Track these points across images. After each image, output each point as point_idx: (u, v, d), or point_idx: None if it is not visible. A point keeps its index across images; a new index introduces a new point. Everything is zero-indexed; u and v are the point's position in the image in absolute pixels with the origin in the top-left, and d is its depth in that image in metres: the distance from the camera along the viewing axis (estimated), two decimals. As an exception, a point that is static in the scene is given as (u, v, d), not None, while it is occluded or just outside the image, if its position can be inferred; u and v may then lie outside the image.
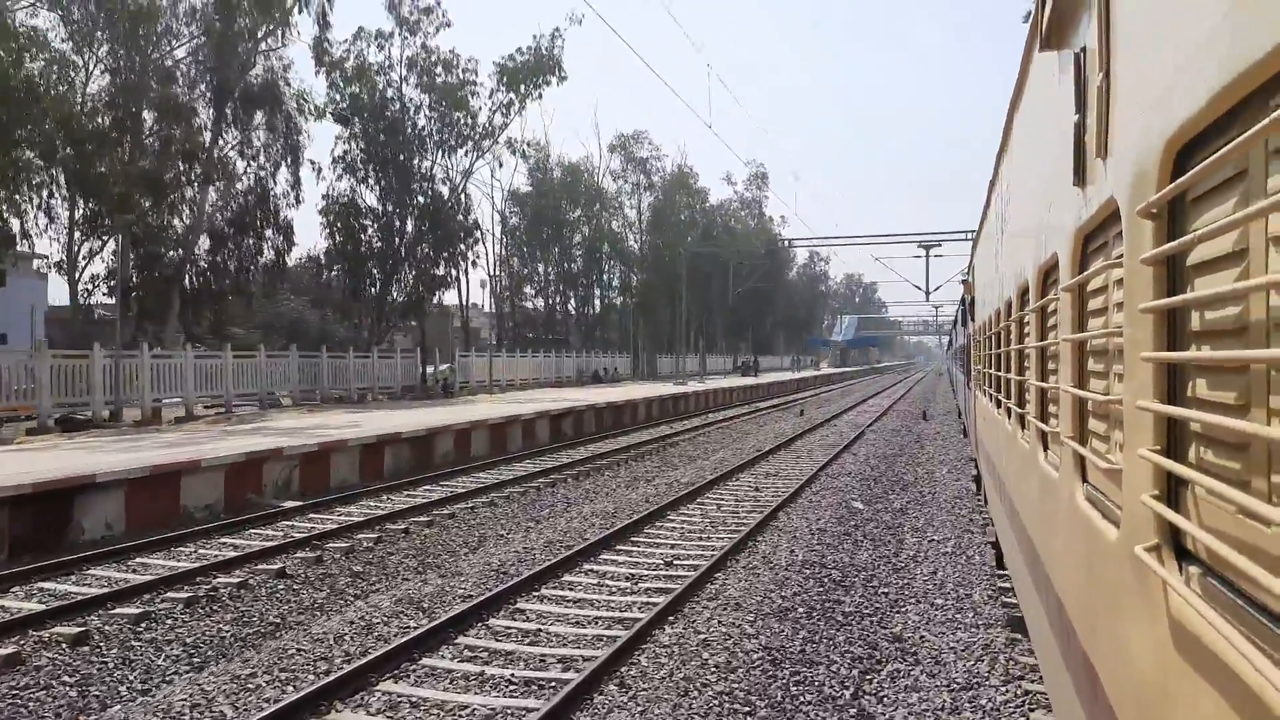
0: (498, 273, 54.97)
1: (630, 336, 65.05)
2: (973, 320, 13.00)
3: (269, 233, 29.72)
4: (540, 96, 39.23)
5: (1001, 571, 8.96)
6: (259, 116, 28.84)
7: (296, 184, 30.82)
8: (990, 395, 7.75)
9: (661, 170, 73.20)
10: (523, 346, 50.01)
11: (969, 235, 46.22)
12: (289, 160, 30.20)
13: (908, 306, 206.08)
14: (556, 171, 59.35)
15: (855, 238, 48.90)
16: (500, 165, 45.82)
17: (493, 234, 54.25)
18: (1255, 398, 1.39)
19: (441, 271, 37.34)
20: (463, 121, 36.76)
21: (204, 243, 28.33)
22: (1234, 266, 1.46)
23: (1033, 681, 6.63)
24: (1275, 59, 1.19)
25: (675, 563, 10.40)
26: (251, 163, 29.43)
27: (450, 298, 47.76)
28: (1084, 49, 2.45)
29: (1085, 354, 2.77)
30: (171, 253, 27.12)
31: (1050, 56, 3.09)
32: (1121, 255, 2.03)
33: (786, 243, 70.56)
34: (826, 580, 9.66)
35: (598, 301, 66.14)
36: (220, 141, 27.52)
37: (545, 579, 9.55)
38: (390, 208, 35.15)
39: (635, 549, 11.17)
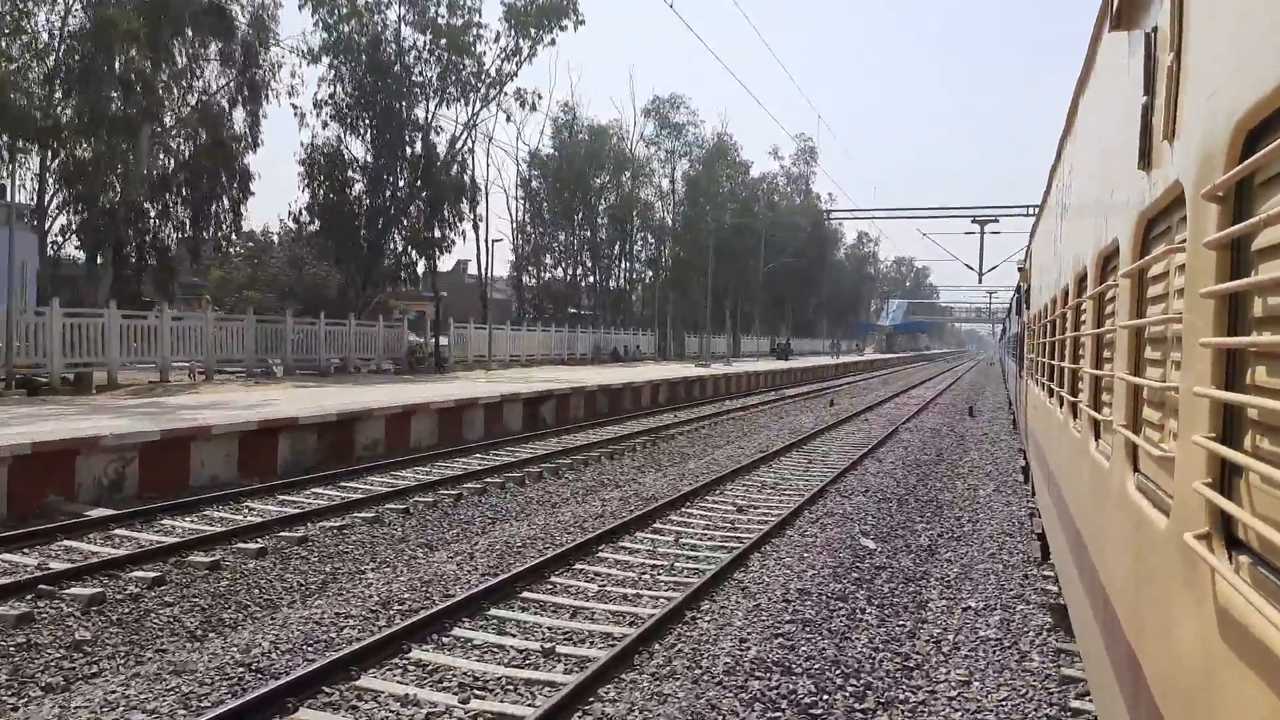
0: (517, 240, 51.38)
1: (658, 313, 61.23)
2: (1027, 308, 12.74)
3: (225, 179, 26.39)
4: (553, 42, 35.40)
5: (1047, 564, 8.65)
6: (214, 47, 25.51)
7: (255, 124, 27.42)
8: (1042, 384, 7.74)
9: (701, 139, 69.07)
10: (543, 320, 46.53)
11: (1029, 210, 41.53)
12: (246, 97, 26.80)
13: (960, 292, 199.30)
14: (584, 134, 55.48)
15: (903, 210, 44.49)
16: (509, 119, 41.86)
17: (514, 197, 50.61)
18: None
19: (438, 233, 33.78)
20: (466, 68, 33.03)
21: (154, 191, 25.14)
22: None
23: None
24: None
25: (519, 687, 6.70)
26: (203, 99, 26.08)
27: (474, 266, 44.38)
28: (1154, 29, 2.41)
29: (1142, 341, 2.75)
30: (110, 198, 23.94)
31: (1120, 37, 3.07)
32: (1184, 240, 2.01)
33: (828, 215, 65.56)
34: (784, 705, 5.88)
35: (623, 275, 62.28)
36: (163, 72, 24.20)
37: (328, 677, 5.93)
38: (380, 160, 31.60)
39: (509, 628, 7.49)
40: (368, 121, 31.21)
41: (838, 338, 76.20)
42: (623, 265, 60.44)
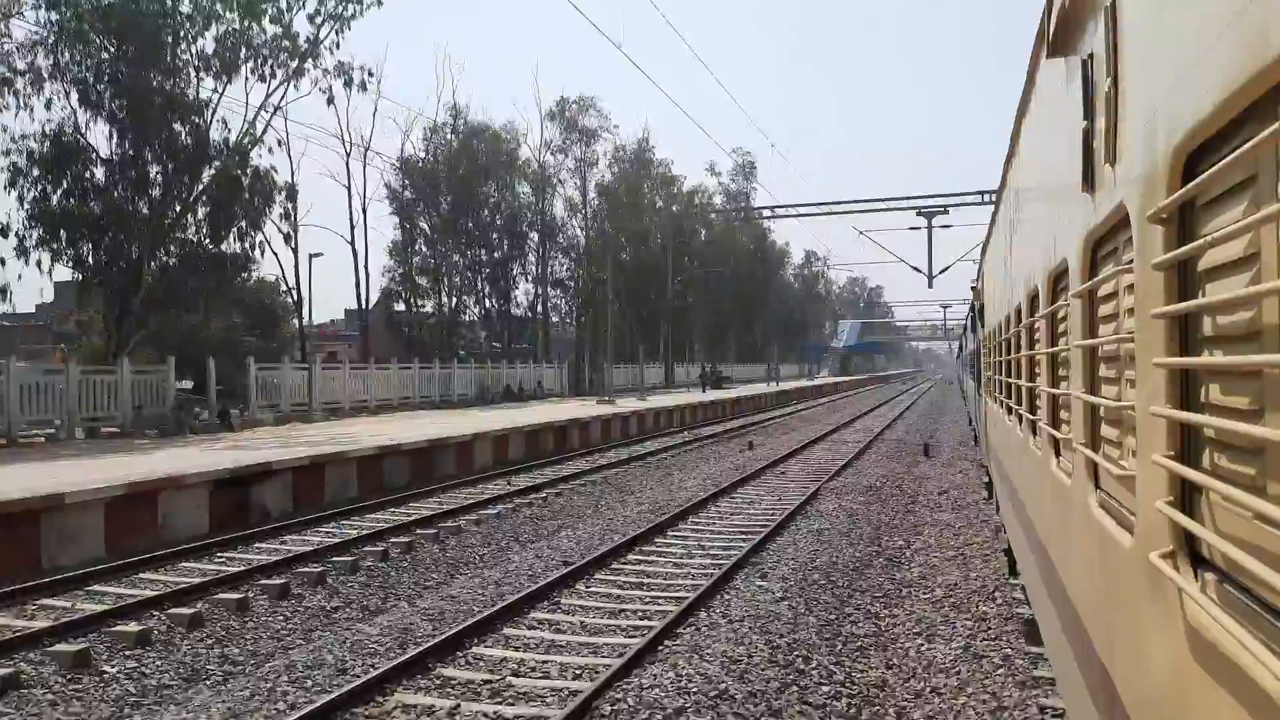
0: (364, 263, 43.16)
1: (576, 342, 53.89)
2: (982, 326, 12.72)
3: None
4: (379, 3, 28.29)
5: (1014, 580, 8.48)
6: None
7: None
8: (1001, 402, 7.81)
9: (622, 149, 62.28)
10: (420, 355, 38.82)
11: (984, 197, 35.15)
12: None
13: (915, 306, 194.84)
14: (478, 141, 48.11)
15: (841, 204, 37.74)
16: (330, 103, 34.31)
17: (361, 212, 42.48)
18: (1269, 402, 1.37)
19: (234, 247, 26.18)
20: (256, 33, 25.59)
21: None
22: (1245, 271, 1.45)
23: None
24: None
25: None
26: None
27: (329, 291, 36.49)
28: (1091, 55, 2.47)
29: (1096, 360, 2.76)
30: None
31: (1057, 63, 3.13)
32: (1132, 261, 2.04)
33: (760, 216, 58.74)
34: None
35: (534, 301, 54.70)
36: None
37: None
38: (135, 152, 23.89)
39: None
40: (113, 100, 23.48)
41: (774, 362, 69.13)
42: (523, 289, 52.88)
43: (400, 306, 45.75)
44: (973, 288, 18.48)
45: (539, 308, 53.14)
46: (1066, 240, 3.03)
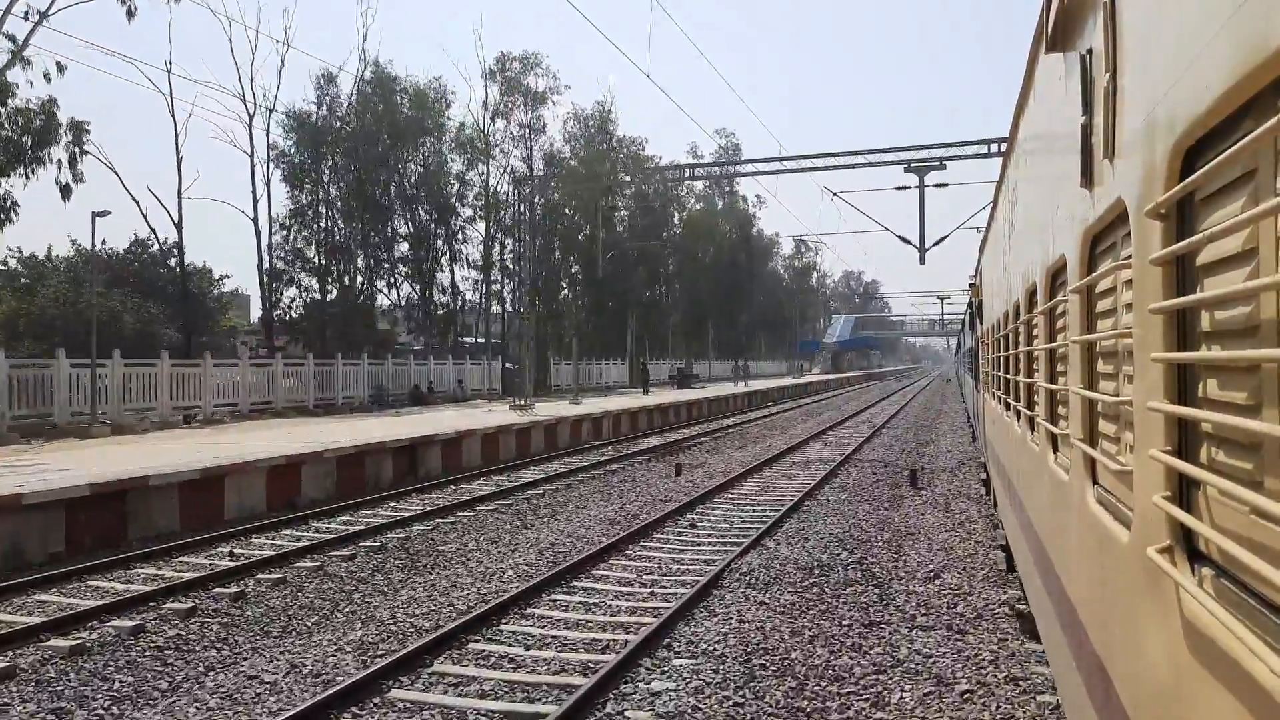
0: (270, 237, 36.29)
1: (526, 335, 47.10)
2: (980, 323, 12.78)
3: None
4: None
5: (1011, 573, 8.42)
6: None
7: None
8: (999, 398, 7.80)
9: (583, 117, 55.51)
10: (312, 348, 32.05)
11: (991, 148, 28.37)
12: None
13: (913, 298, 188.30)
14: (401, 97, 41.22)
15: (807, 158, 30.73)
16: (132, 14, 27.49)
17: (265, 183, 35.73)
18: (1267, 397, 1.36)
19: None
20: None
21: None
22: (1244, 266, 1.45)
23: None
24: None
25: None
26: None
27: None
28: (1090, 50, 2.46)
29: (1094, 355, 2.75)
30: None
31: (1056, 59, 3.12)
32: (1130, 256, 2.03)
33: (721, 169, 51.76)
34: None
35: (480, 287, 47.72)
36: None
37: None
38: None
39: None
40: None
41: (744, 359, 62.46)
42: (460, 274, 45.87)
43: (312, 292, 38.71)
44: (970, 284, 18.06)
45: (470, 295, 46.33)
46: (1065, 236, 3.05)
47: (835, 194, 27.17)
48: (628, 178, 61.59)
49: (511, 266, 48.15)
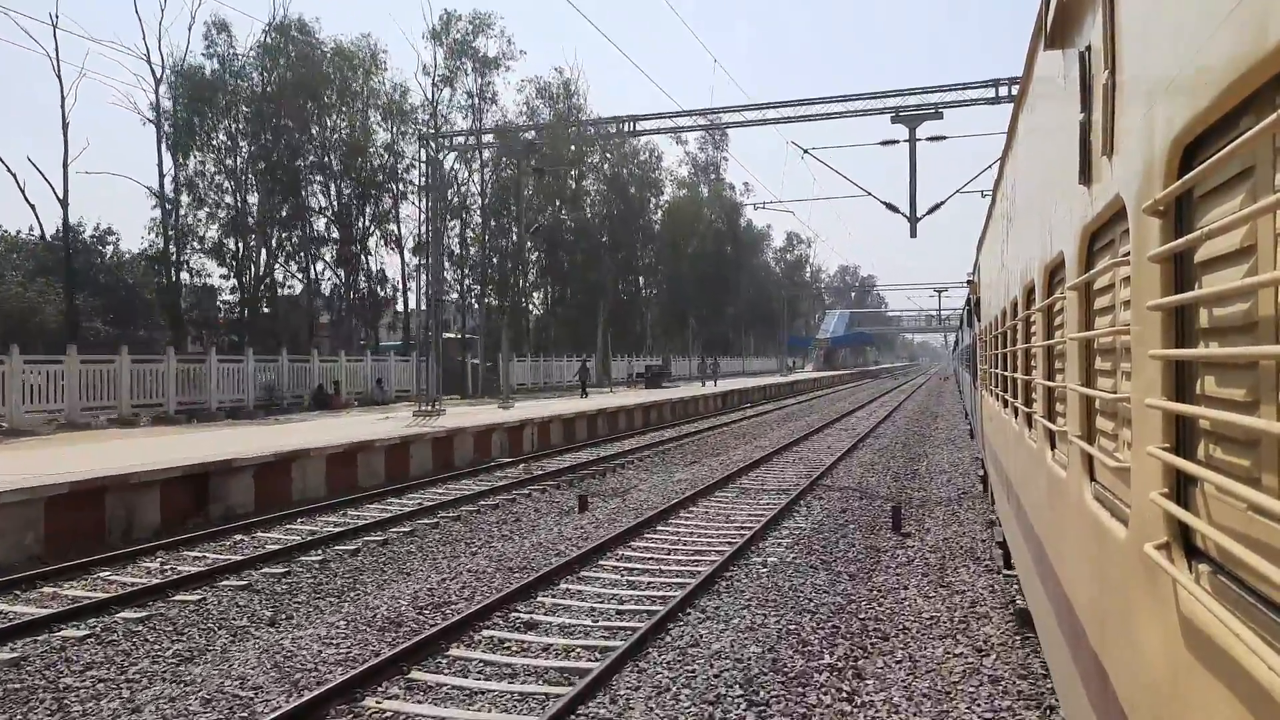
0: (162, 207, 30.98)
1: (483, 329, 42.06)
2: (978, 320, 12.55)
3: None
4: None
5: (1009, 571, 8.21)
6: None
7: None
8: (997, 395, 7.83)
9: (544, 85, 50.57)
10: (216, 341, 27.04)
11: (1000, 91, 23.28)
12: None
13: (905, 290, 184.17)
14: (322, 53, 36.05)
15: (773, 106, 26.00)
16: None
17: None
18: (1264, 394, 1.37)
19: None
20: None
21: None
22: (1242, 263, 1.45)
23: None
24: None
25: None
26: None
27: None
28: (1089, 47, 2.46)
29: (1092, 352, 2.76)
30: None
31: (1055, 55, 3.10)
32: (1128, 253, 2.04)
33: (671, 130, 46.84)
34: None
35: (381, 270, 42.32)
36: None
37: None
38: None
39: None
40: None
41: (714, 356, 57.53)
42: (387, 257, 40.60)
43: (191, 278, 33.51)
44: (968, 281, 17.52)
45: (407, 283, 41.22)
46: (1063, 233, 3.05)
47: (806, 151, 22.21)
48: (607, 167, 56.83)
49: (459, 251, 43.13)
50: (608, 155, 57.12)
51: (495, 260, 45.07)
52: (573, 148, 48.51)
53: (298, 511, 13.54)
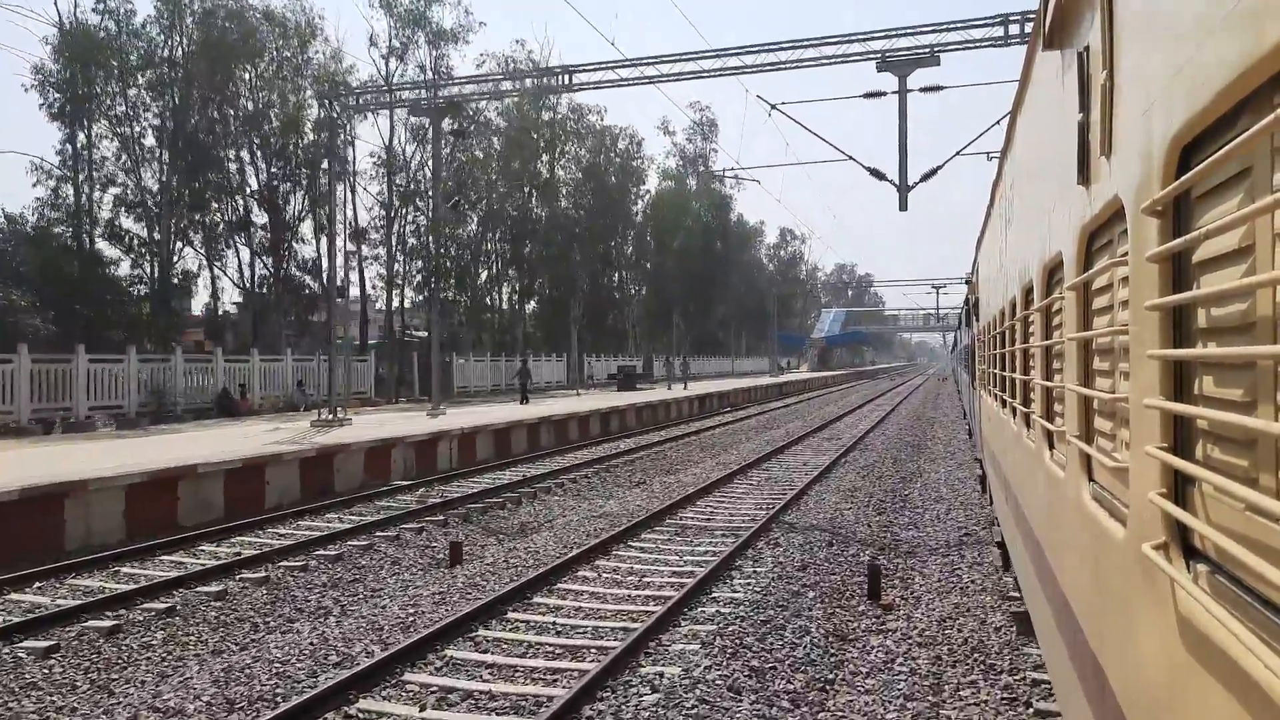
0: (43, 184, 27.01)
1: (430, 327, 38.32)
2: (977, 320, 12.59)
3: None
4: None
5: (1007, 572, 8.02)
6: None
7: None
8: (995, 395, 7.77)
9: (501, 57, 46.80)
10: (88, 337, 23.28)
11: (1011, 29, 19.46)
12: None
13: (908, 287, 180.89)
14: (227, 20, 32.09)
15: (742, 52, 22.48)
16: None
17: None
18: (1262, 394, 1.36)
19: None
20: None
21: None
22: (1240, 263, 1.45)
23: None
24: (1279, 55, 1.18)
25: None
26: None
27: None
28: (1087, 48, 2.45)
29: (1090, 352, 2.76)
30: None
31: (1053, 56, 3.11)
32: (1126, 253, 2.03)
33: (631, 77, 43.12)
34: None
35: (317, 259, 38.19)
36: None
37: None
38: None
39: None
40: None
41: (685, 355, 53.65)
42: (320, 245, 36.56)
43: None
44: (967, 281, 17.42)
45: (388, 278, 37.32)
46: (1061, 233, 3.06)
47: (774, 106, 18.44)
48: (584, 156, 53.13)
49: (412, 242, 39.36)
50: (584, 138, 53.36)
51: (453, 250, 41.30)
52: (546, 131, 44.72)
53: (59, 567, 9.83)
